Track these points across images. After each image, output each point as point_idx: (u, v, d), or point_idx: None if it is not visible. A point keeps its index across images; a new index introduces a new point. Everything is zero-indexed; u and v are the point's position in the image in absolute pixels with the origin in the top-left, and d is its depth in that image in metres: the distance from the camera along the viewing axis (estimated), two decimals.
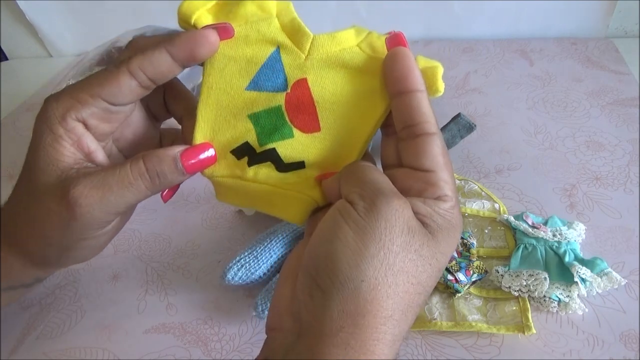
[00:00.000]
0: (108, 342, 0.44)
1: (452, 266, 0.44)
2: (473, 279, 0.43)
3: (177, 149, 0.29)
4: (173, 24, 0.32)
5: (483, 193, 0.53)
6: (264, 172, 0.29)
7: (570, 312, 0.42)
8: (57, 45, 0.98)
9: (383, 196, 0.24)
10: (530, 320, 0.41)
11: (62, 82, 0.64)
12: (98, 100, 0.28)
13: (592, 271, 0.43)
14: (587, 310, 0.42)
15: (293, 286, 0.26)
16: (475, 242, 0.47)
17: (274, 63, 0.28)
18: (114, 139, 0.32)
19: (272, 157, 0.29)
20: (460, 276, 0.43)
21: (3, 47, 1.00)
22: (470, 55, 0.78)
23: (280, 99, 0.29)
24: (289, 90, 0.28)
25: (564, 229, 0.47)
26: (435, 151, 0.26)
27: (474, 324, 0.42)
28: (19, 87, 0.89)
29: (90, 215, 0.28)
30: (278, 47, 0.28)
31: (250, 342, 0.43)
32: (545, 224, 0.48)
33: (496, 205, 0.51)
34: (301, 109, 0.29)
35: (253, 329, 0.44)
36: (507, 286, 0.43)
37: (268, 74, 0.29)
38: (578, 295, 0.42)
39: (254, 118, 0.29)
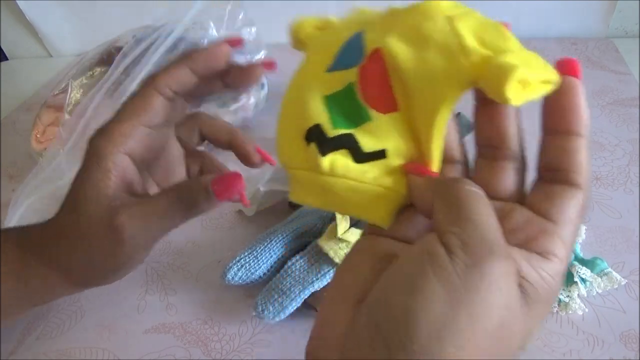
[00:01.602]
0: (108, 342, 0.44)
1: None
2: None
3: (208, 178, 0.31)
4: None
5: None
6: (342, 163, 0.24)
7: (570, 312, 0.42)
8: (57, 45, 0.98)
9: (491, 254, 0.19)
10: None
11: (62, 82, 0.64)
12: (139, 129, 0.31)
13: (592, 271, 0.43)
14: (587, 310, 0.42)
15: (346, 315, 0.22)
16: None
17: (356, 40, 0.25)
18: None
19: (348, 143, 0.24)
20: None
21: (3, 47, 1.00)
22: None
23: (353, 75, 0.24)
24: (362, 62, 0.24)
25: None
26: (570, 206, 0.22)
27: None
28: (19, 87, 0.89)
29: (134, 242, 0.31)
30: (364, 28, 0.25)
31: (250, 342, 0.43)
32: None
33: None
34: (374, 82, 0.24)
35: (253, 329, 0.44)
36: None
37: (348, 52, 0.25)
38: (578, 295, 0.42)
39: (328, 100, 0.25)
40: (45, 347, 0.44)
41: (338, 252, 0.43)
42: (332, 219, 0.45)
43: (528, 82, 0.20)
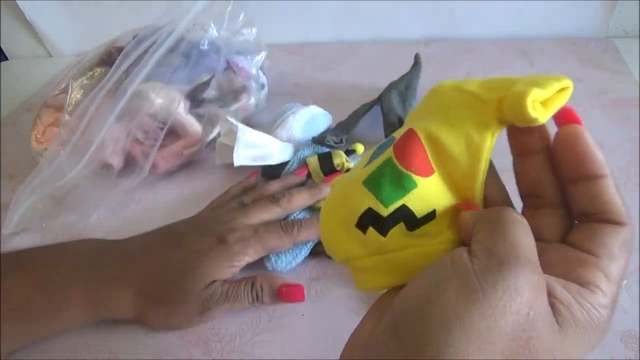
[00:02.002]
0: (108, 342, 0.44)
1: None
2: None
3: (279, 282, 0.44)
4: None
5: None
6: (400, 237, 0.25)
7: None
8: (57, 45, 0.98)
9: (515, 261, 0.19)
10: None
11: (62, 82, 0.64)
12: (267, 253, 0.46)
13: None
14: None
15: (373, 322, 0.23)
16: None
17: (387, 141, 0.28)
18: None
19: (403, 215, 0.25)
20: None
21: (3, 47, 1.00)
22: (471, 56, 0.78)
23: (388, 152, 0.26)
24: (395, 142, 0.26)
25: None
26: (611, 241, 0.22)
27: None
28: (19, 87, 0.89)
29: (210, 319, 0.44)
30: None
31: (250, 342, 0.43)
32: None
33: None
34: (412, 151, 0.25)
35: (253, 329, 0.44)
36: None
37: (381, 147, 0.27)
38: None
39: (368, 182, 0.26)
40: (46, 347, 0.44)
41: None
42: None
43: (547, 99, 0.22)
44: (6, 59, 1.01)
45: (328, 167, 0.54)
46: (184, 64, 0.55)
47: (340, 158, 0.54)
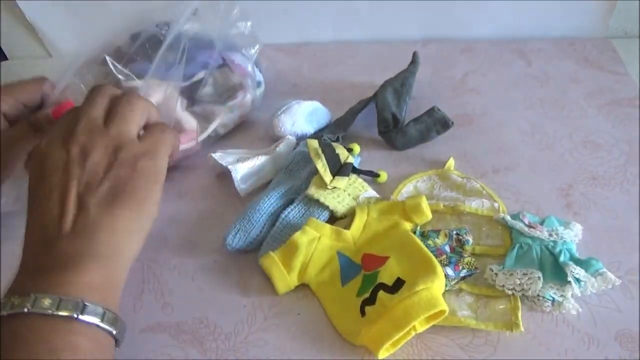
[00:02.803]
0: None
1: (441, 260, 0.44)
2: (462, 275, 0.44)
3: (50, 110, 0.50)
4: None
5: (484, 192, 0.53)
6: (387, 297, 0.42)
7: (563, 311, 0.42)
8: (57, 45, 0.98)
9: None
10: (520, 319, 0.41)
11: (62, 81, 0.64)
12: (20, 104, 0.50)
13: (586, 271, 0.42)
14: (580, 310, 0.42)
15: None
16: (471, 239, 0.47)
17: (344, 262, 0.46)
18: None
19: (379, 287, 0.43)
20: (449, 271, 0.43)
21: (3, 47, 1.00)
22: (469, 56, 0.78)
23: (361, 277, 0.45)
24: (362, 266, 0.46)
25: (560, 229, 0.47)
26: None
27: (462, 319, 0.42)
28: None
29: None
30: (338, 251, 0.47)
31: (246, 341, 0.43)
32: (542, 223, 0.48)
33: (495, 205, 0.51)
34: (373, 261, 0.45)
35: (249, 328, 0.44)
36: (501, 285, 0.43)
37: (346, 271, 0.46)
38: (572, 295, 0.42)
39: (359, 299, 0.43)
40: None
41: (327, 197, 0.51)
42: (314, 173, 0.53)
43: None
44: (6, 59, 1.02)
45: (329, 152, 0.54)
46: (179, 59, 0.55)
47: (341, 149, 0.54)
